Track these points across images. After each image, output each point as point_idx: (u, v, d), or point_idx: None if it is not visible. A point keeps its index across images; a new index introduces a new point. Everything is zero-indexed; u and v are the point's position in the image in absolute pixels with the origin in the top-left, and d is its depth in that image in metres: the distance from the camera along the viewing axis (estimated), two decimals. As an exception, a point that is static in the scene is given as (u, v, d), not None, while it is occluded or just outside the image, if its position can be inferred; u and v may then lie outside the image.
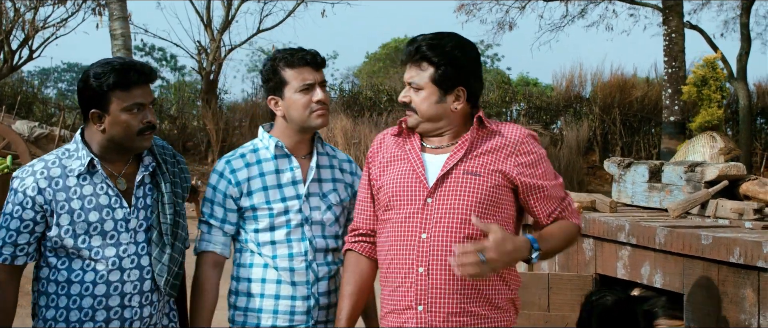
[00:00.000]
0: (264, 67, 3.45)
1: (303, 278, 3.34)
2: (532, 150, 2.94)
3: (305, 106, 3.31)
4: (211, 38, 20.22)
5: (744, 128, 17.91)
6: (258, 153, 3.43)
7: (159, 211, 3.17)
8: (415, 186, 2.93)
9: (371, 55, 37.82)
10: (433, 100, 2.92)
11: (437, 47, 2.89)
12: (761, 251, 3.15)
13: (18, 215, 3.00)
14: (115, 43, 11.94)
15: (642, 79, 21.78)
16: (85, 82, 3.04)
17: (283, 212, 3.35)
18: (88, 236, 3.03)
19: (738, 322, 3.29)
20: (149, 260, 3.14)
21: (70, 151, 3.10)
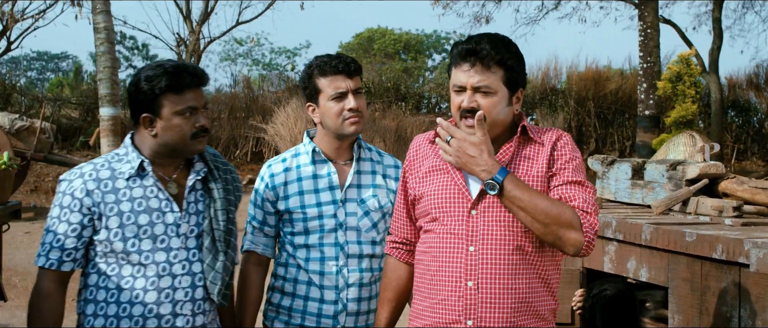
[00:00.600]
0: (301, 75, 3.53)
1: (332, 282, 3.38)
2: (567, 147, 2.88)
3: (338, 113, 3.36)
4: (191, 30, 20.26)
5: (715, 121, 18.24)
6: (298, 158, 3.50)
7: (211, 217, 3.09)
8: (457, 198, 2.84)
9: (345, 45, 37.87)
10: (504, 104, 2.83)
11: (503, 47, 2.79)
12: (742, 248, 3.36)
13: (65, 218, 2.91)
14: (98, 37, 11.95)
15: (616, 70, 22.08)
16: (136, 85, 2.97)
17: (316, 217, 3.39)
18: (138, 239, 2.93)
19: (719, 314, 3.50)
20: (201, 267, 3.06)
21: (120, 155, 3.03)
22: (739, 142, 20.29)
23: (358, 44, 36.29)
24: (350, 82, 3.39)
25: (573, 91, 20.58)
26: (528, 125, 2.89)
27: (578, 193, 2.80)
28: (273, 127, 17.06)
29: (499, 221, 2.79)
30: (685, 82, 12.00)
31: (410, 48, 37.11)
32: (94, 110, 18.77)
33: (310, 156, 3.48)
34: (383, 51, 34.92)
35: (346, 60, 3.41)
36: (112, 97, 11.91)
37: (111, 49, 11.96)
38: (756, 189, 4.35)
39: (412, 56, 36.32)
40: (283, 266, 3.50)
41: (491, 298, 2.77)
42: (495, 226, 2.79)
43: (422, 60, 36.89)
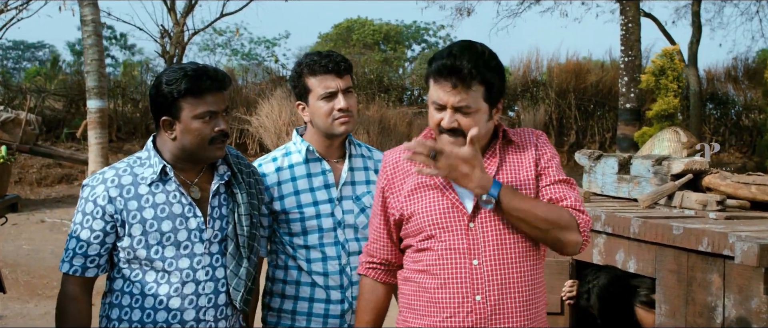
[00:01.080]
0: (291, 74, 3.44)
1: (337, 282, 3.34)
2: (547, 146, 2.87)
3: (327, 113, 3.30)
4: (175, 22, 20.28)
5: (694, 114, 18.49)
6: (290, 157, 3.43)
7: (235, 222, 3.04)
8: (453, 213, 2.75)
9: (324, 35, 37.83)
10: (485, 120, 2.73)
11: (483, 64, 2.67)
12: (727, 241, 3.53)
13: (88, 225, 2.88)
14: (85, 29, 12.01)
15: (597, 62, 22.28)
16: (156, 88, 2.92)
17: (314, 216, 3.34)
18: (161, 246, 2.90)
19: (705, 304, 3.67)
20: (225, 272, 3.02)
21: (142, 160, 2.98)
22: (717, 135, 20.57)
23: (337, 35, 36.21)
24: (340, 81, 3.32)
25: (554, 83, 20.76)
26: (506, 128, 2.86)
27: (568, 192, 2.80)
28: (257, 119, 17.15)
29: (499, 230, 2.74)
30: (668, 76, 12.23)
31: (390, 39, 37.10)
32: (78, 102, 18.79)
33: (303, 155, 3.41)
34: (362, 41, 34.90)
35: (336, 59, 3.34)
36: (100, 90, 11.99)
37: (98, 42, 12.05)
38: (738, 184, 4.53)
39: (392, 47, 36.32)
40: (282, 269, 3.44)
41: (502, 309, 2.72)
42: (496, 236, 2.74)
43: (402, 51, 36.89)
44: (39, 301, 8.45)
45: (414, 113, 18.00)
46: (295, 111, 16.76)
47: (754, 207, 4.67)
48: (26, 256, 10.44)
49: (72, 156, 15.74)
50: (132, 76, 21.10)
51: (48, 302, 8.31)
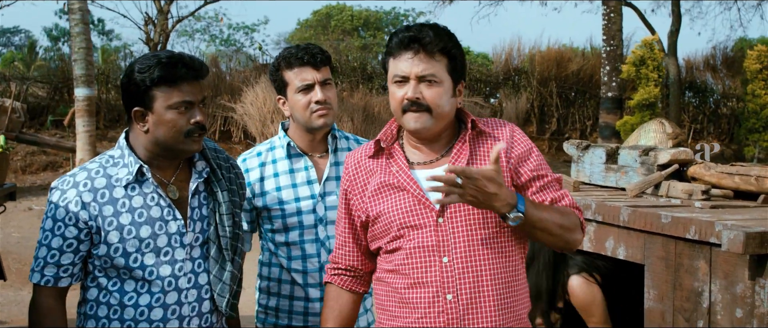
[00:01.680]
0: (270, 68, 3.37)
1: (316, 280, 3.29)
2: (523, 141, 2.73)
3: (305, 106, 3.23)
4: (159, 9, 20.27)
5: (674, 102, 18.72)
6: (274, 152, 3.37)
7: (217, 223, 2.85)
8: (419, 210, 2.63)
9: (303, 21, 37.80)
10: (449, 95, 2.62)
11: (446, 35, 2.61)
12: (713, 229, 3.71)
13: (60, 233, 2.65)
14: (72, 17, 12.03)
15: (578, 50, 22.46)
16: (128, 76, 2.69)
17: (295, 213, 3.28)
18: (141, 253, 2.69)
19: (692, 289, 3.85)
20: (208, 278, 2.83)
21: (115, 159, 2.74)
22: (695, 123, 20.82)
23: (317, 21, 36.20)
24: (317, 73, 3.25)
25: (536, 71, 20.92)
26: (475, 118, 2.71)
27: (563, 191, 2.74)
28: (242, 107, 17.20)
29: (470, 225, 2.61)
30: (649, 66, 12.44)
31: (369, 25, 37.16)
32: (62, 89, 18.77)
33: (285, 150, 3.35)
34: (341, 28, 34.93)
35: (312, 51, 3.26)
36: (87, 78, 12.04)
37: (86, 30, 12.08)
38: (722, 174, 4.71)
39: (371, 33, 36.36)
40: (266, 266, 3.41)
41: (473, 308, 2.58)
42: (466, 231, 2.61)
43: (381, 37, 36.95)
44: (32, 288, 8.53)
45: (397, 101, 18.03)
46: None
47: (737, 196, 4.86)
48: (16, 244, 10.51)
49: (58, 144, 15.77)
50: (112, 63, 21.05)
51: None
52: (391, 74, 2.64)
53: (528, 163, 2.70)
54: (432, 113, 2.59)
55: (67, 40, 27.65)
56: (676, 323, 3.96)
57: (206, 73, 2.80)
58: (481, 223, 2.61)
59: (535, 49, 21.76)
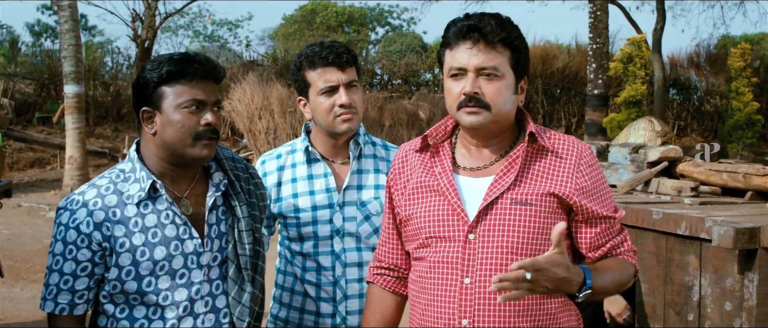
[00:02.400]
0: (291, 67, 3.13)
1: (329, 294, 3.05)
2: (591, 171, 2.40)
3: (328, 110, 2.98)
4: (147, 6, 20.27)
5: (658, 99, 18.88)
6: (294, 155, 3.15)
7: (236, 240, 2.59)
8: (452, 220, 2.36)
9: (288, 17, 37.79)
10: (511, 92, 2.35)
11: (510, 26, 2.34)
12: (703, 225, 3.82)
13: (72, 256, 2.40)
14: (62, 15, 12.06)
15: (562, 46, 22.59)
16: (138, 77, 2.49)
17: (310, 223, 3.05)
18: (154, 277, 2.43)
19: (682, 283, 3.96)
20: (226, 300, 2.58)
21: (126, 173, 2.49)
22: (679, 120, 21.03)
23: (302, 17, 36.19)
24: (342, 74, 2.99)
25: (521, 68, 21.01)
26: (535, 130, 2.39)
27: (611, 234, 2.44)
28: (230, 103, 17.23)
29: (501, 246, 2.32)
30: (636, 64, 12.58)
31: (353, 21, 37.19)
32: (49, 86, 18.75)
33: (304, 154, 3.12)
34: (326, 24, 34.95)
35: (337, 50, 3.00)
36: (77, 75, 12.07)
37: (75, 27, 12.10)
38: (710, 171, 4.82)
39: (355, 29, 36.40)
40: (282, 274, 3.20)
41: None
42: (496, 253, 2.32)
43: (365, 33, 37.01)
44: (25, 285, 8.58)
45: (385, 98, 18.15)
46: (268, 96, 16.96)
47: (725, 193, 4.97)
48: (7, 241, 10.54)
49: (46, 140, 15.78)
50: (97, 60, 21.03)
51: (33, 286, 8.44)
52: (447, 67, 2.38)
53: (594, 200, 2.39)
54: (491, 111, 2.32)
55: (49, 35, 27.58)
56: (667, 317, 4.07)
57: (221, 75, 2.54)
58: (517, 247, 2.31)
59: (520, 46, 21.83)
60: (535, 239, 2.31)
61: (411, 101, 17.90)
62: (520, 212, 2.30)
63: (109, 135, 18.37)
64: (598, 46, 14.28)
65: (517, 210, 2.30)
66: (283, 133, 14.83)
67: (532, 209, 2.31)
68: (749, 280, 3.77)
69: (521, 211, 2.30)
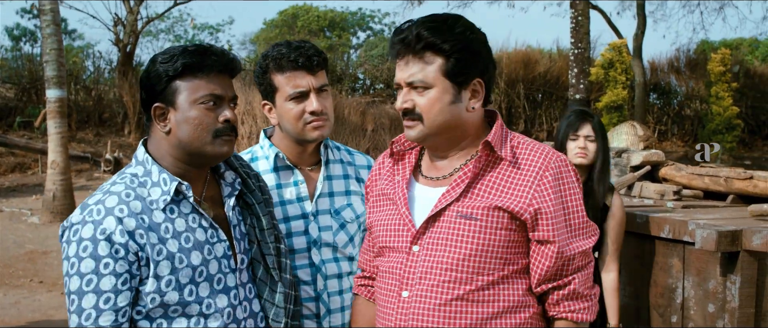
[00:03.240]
0: (256, 69, 2.86)
1: (311, 310, 2.83)
2: (559, 185, 2.20)
3: (298, 116, 2.75)
4: (129, 10, 20.22)
5: (639, 104, 19.02)
6: (256, 163, 2.89)
7: (258, 239, 2.48)
8: (400, 230, 2.28)
9: (269, 21, 37.75)
10: (447, 101, 2.19)
11: (443, 30, 2.17)
12: (686, 228, 3.87)
13: (109, 271, 2.15)
14: (44, 19, 12.01)
15: (546, 51, 22.70)
16: (148, 71, 2.31)
17: (284, 235, 2.77)
18: (195, 284, 2.26)
19: (666, 285, 4.01)
20: (260, 303, 2.46)
21: (139, 177, 2.29)
22: (660, 124, 21.15)
23: (282, 21, 36.15)
24: (313, 79, 2.75)
25: (503, 72, 21.13)
26: (495, 138, 2.23)
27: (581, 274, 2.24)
28: (212, 108, 17.20)
29: (440, 261, 2.19)
30: (617, 69, 12.69)
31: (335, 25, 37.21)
32: (30, 90, 18.67)
33: (271, 162, 2.86)
34: (307, 28, 34.94)
35: (307, 52, 2.75)
36: (59, 79, 12.03)
37: (57, 31, 12.06)
38: (692, 175, 4.89)
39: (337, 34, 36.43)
40: None
41: None
42: (434, 267, 2.20)
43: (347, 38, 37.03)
44: (7, 290, 8.54)
45: (367, 103, 18.21)
46: (250, 100, 16.95)
47: (707, 196, 5.05)
48: (-12, 245, 10.49)
49: (27, 145, 15.71)
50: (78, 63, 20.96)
51: (16, 291, 8.41)
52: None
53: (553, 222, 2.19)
54: (424, 123, 2.21)
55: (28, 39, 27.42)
56: (652, 319, 4.13)
57: (238, 68, 2.38)
58: (455, 262, 2.18)
59: (502, 50, 21.94)
60: (476, 256, 2.16)
61: (393, 106, 17.93)
62: (463, 226, 2.18)
63: (91, 140, 18.29)
64: (579, 51, 14.38)
65: (461, 224, 2.18)
66: (266, 137, 14.80)
67: (475, 223, 2.16)
68: (731, 282, 3.82)
69: (465, 225, 2.17)
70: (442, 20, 2.19)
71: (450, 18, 2.21)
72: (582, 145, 3.95)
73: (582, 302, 2.25)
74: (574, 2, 14.43)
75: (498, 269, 2.18)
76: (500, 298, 2.19)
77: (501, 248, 2.17)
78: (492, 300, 2.18)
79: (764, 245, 3.68)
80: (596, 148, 3.95)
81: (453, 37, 2.16)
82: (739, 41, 28.39)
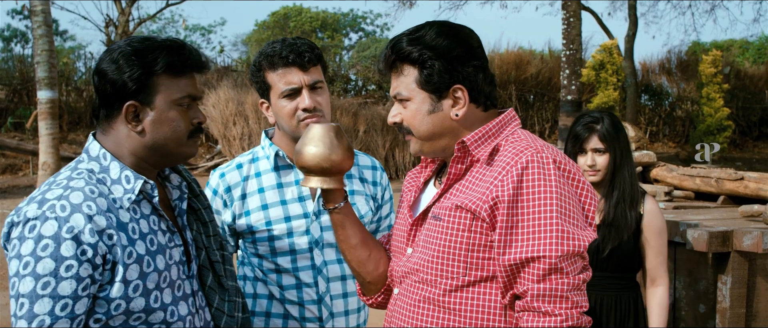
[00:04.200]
0: (251, 67, 2.86)
1: (314, 314, 2.79)
2: (525, 181, 2.02)
3: (291, 114, 2.74)
4: (120, 11, 20.19)
5: (630, 105, 19.07)
6: (257, 164, 2.87)
7: (206, 246, 2.35)
8: (402, 232, 2.30)
9: (260, 23, 37.72)
10: (425, 111, 2.16)
11: (415, 40, 2.14)
12: (678, 229, 3.88)
13: (71, 274, 1.96)
14: (35, 20, 11.97)
15: (536, 52, 22.75)
16: (115, 63, 2.11)
17: (285, 235, 2.78)
18: (160, 290, 2.13)
19: (657, 286, 4.02)
20: (211, 312, 2.34)
21: (96, 173, 2.12)
22: (651, 125, 21.22)
23: (274, 22, 36.10)
24: (305, 75, 2.72)
25: (495, 74, 21.08)
26: (471, 138, 2.16)
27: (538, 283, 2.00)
28: (204, 109, 17.21)
29: (416, 261, 2.20)
30: (608, 70, 12.71)
31: (327, 27, 37.20)
32: (22, 91, 18.62)
33: (271, 161, 2.84)
34: (299, 29, 34.92)
35: (299, 49, 2.73)
36: (50, 80, 11.99)
37: (49, 32, 12.02)
38: (684, 176, 4.90)
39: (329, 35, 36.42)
40: (250, 298, 2.86)
41: None
42: (414, 268, 2.21)
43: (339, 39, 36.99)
44: (-2, 291, 8.52)
45: (359, 104, 18.21)
46: (242, 101, 16.95)
47: (698, 197, 5.06)
48: (-21, 247, 10.42)
49: (19, 146, 15.67)
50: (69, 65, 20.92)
51: (5, 293, 8.38)
52: None
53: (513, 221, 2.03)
54: (414, 135, 2.20)
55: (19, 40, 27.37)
56: (643, 319, 4.13)
57: (210, 67, 2.28)
58: (420, 263, 2.17)
59: (494, 52, 21.99)
60: (440, 258, 2.12)
61: (385, 107, 17.95)
62: (433, 228, 2.15)
63: (82, 141, 18.25)
64: (571, 52, 14.40)
65: (432, 225, 2.16)
66: (258, 139, 14.79)
67: (440, 224, 2.13)
68: (722, 282, 3.84)
69: (434, 226, 2.15)
70: (417, 30, 2.18)
71: (426, 25, 2.18)
72: (590, 161, 3.42)
73: (542, 319, 1.99)
74: (565, 3, 14.45)
75: (461, 274, 2.09)
76: (468, 308, 2.10)
77: (463, 251, 2.09)
78: (459, 309, 2.11)
79: (755, 245, 3.69)
80: (608, 160, 3.40)
81: (423, 46, 2.13)
82: (730, 43, 28.50)
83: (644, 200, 3.42)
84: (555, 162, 2.05)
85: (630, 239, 3.33)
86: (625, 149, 3.44)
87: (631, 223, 3.32)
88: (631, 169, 3.44)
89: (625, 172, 3.40)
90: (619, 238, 3.30)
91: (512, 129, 2.19)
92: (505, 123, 2.20)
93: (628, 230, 3.31)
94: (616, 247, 3.30)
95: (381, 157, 16.64)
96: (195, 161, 17.50)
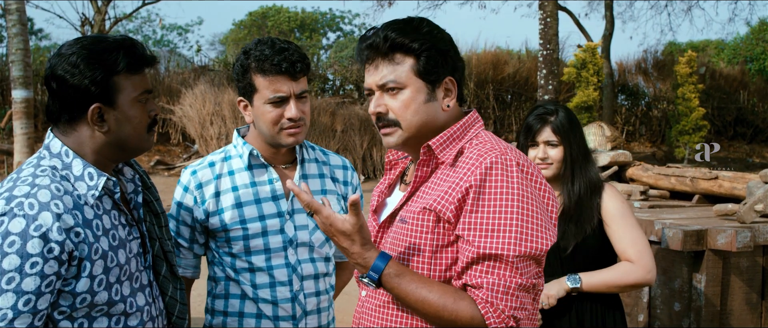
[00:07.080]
0: (236, 65, 2.81)
1: (288, 312, 2.80)
2: (488, 181, 2.02)
3: (274, 121, 2.72)
4: (96, 10, 20.05)
5: (607, 104, 19.18)
6: (230, 162, 2.86)
7: (159, 237, 2.43)
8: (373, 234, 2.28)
9: (238, 22, 37.69)
10: (421, 100, 2.13)
11: (409, 30, 2.14)
12: (653, 228, 3.91)
13: (36, 271, 2.00)
14: (10, 18, 11.86)
15: (515, 53, 22.83)
16: (75, 67, 2.13)
17: (260, 234, 2.78)
18: (120, 283, 2.20)
19: (633, 284, 4.05)
20: (165, 301, 2.43)
21: (59, 170, 2.17)
22: (628, 125, 21.34)
23: (252, 22, 36.09)
24: (294, 85, 2.71)
25: (472, 73, 21.19)
26: (437, 141, 2.15)
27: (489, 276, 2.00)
28: (181, 109, 17.13)
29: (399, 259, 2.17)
30: (589, 70, 12.77)
31: (305, 26, 37.21)
32: (-2, 91, 18.48)
33: (245, 160, 2.84)
34: (278, 29, 34.89)
35: (291, 58, 2.70)
36: (25, 80, 11.90)
37: (23, 31, 11.93)
38: (659, 176, 4.94)
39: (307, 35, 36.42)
40: (222, 298, 2.85)
41: None
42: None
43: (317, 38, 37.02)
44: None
45: (337, 103, 18.19)
46: (219, 101, 16.90)
47: (673, 196, 5.10)
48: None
49: (-7, 146, 15.52)
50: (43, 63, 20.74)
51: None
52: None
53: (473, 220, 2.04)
54: (402, 127, 2.16)
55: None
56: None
57: (158, 61, 2.42)
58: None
59: (471, 51, 22.02)
60: (405, 260, 2.12)
61: (363, 107, 17.95)
62: (399, 230, 2.15)
63: (57, 141, 18.11)
64: (548, 52, 14.45)
65: (398, 228, 2.16)
66: (236, 138, 14.78)
67: (406, 227, 2.13)
68: (697, 281, 3.86)
69: (399, 229, 2.15)
70: (406, 22, 2.17)
71: (414, 19, 2.19)
72: (542, 154, 3.24)
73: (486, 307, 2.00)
74: (542, 3, 14.51)
75: (426, 275, 2.09)
76: None
77: (428, 252, 2.09)
78: None
79: (729, 244, 3.72)
80: (562, 153, 3.22)
81: (421, 36, 2.13)
82: (706, 43, 28.74)
83: (603, 187, 3.24)
84: (518, 164, 2.05)
85: (594, 233, 3.16)
86: (581, 143, 3.28)
87: (593, 215, 3.16)
88: (590, 163, 3.27)
89: (584, 165, 3.23)
90: (581, 233, 3.14)
91: (476, 131, 2.20)
92: (469, 125, 2.20)
93: (590, 223, 3.15)
94: (580, 243, 3.14)
95: (358, 157, 16.64)
96: (172, 161, 17.42)
